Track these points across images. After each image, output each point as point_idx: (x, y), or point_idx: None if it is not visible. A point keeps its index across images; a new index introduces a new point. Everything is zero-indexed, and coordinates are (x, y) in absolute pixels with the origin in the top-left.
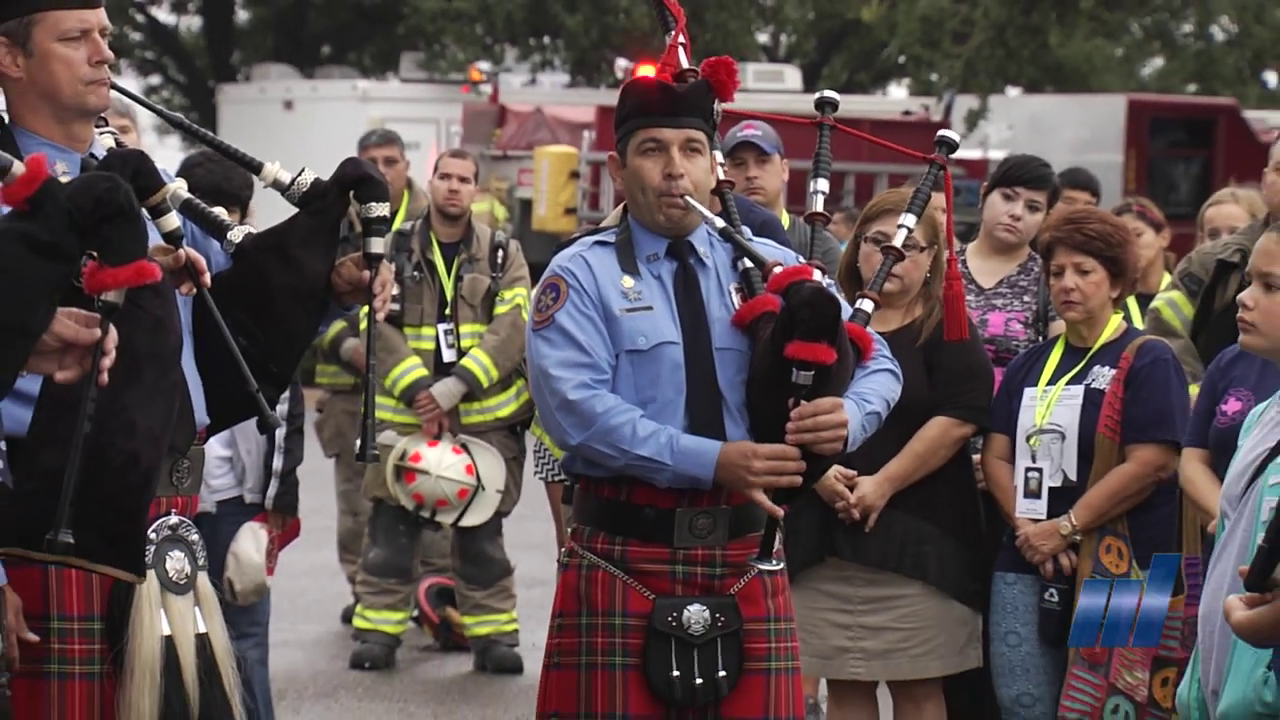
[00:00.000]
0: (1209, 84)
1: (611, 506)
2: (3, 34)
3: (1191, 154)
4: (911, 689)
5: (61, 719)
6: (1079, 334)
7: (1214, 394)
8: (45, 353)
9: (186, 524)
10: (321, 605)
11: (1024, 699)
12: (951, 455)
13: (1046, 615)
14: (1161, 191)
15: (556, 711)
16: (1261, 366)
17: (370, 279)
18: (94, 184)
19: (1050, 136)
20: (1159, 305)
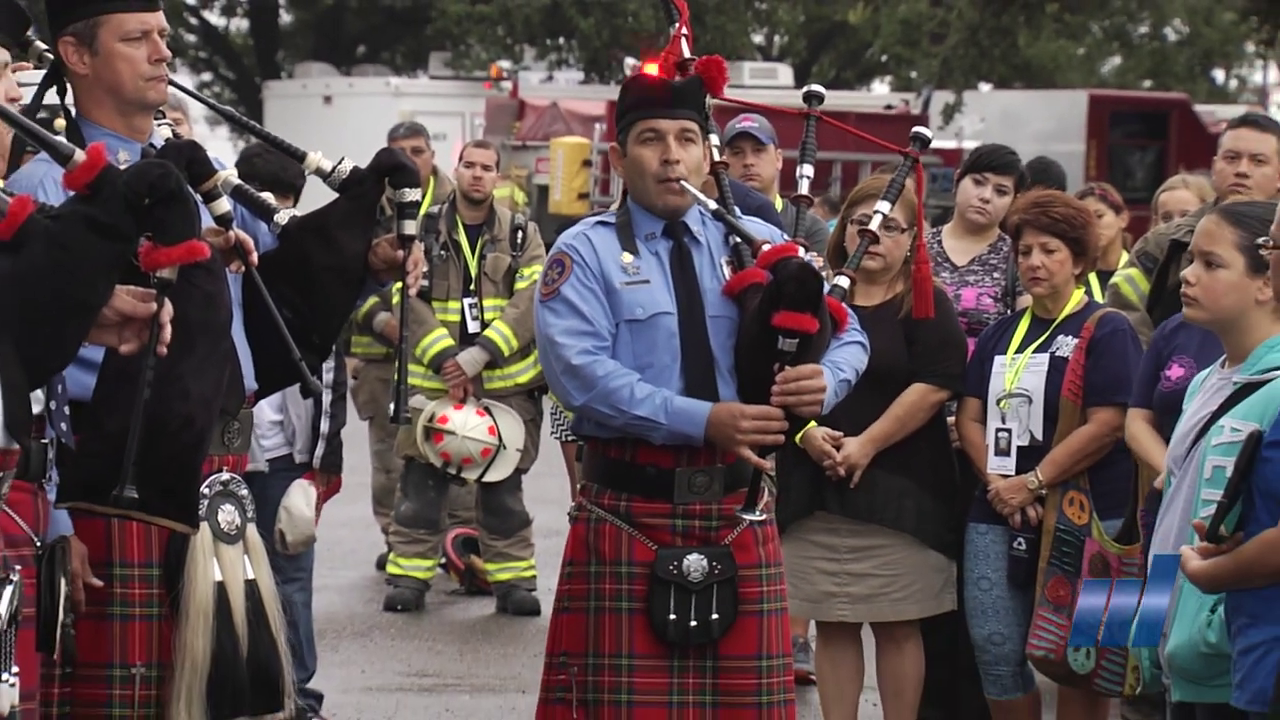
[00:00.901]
0: (1163, 80)
1: (617, 465)
2: (71, 34)
3: (1147, 144)
4: (892, 630)
5: (123, 657)
6: (1044, 307)
7: (1158, 360)
8: (106, 326)
9: (237, 480)
10: (358, 554)
11: (994, 638)
12: (929, 418)
13: (1015, 562)
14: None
15: (566, 652)
16: (1202, 336)
17: (403, 258)
18: (148, 170)
19: (1019, 128)
20: (1118, 281)
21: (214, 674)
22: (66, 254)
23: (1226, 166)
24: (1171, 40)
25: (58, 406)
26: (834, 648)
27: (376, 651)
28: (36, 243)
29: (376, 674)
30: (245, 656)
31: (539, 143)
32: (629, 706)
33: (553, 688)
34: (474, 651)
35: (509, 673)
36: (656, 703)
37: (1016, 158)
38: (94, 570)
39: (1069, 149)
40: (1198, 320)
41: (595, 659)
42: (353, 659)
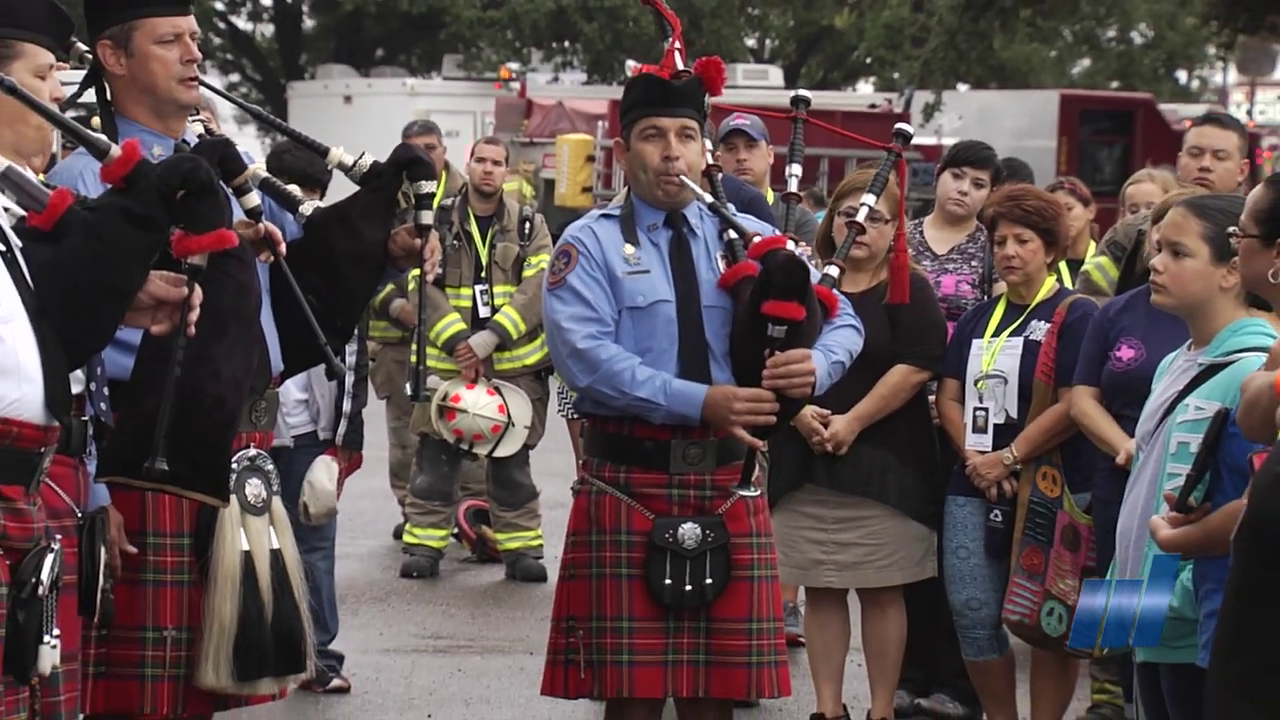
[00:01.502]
0: (1129, 81)
1: (616, 440)
2: (108, 38)
3: (1114, 140)
4: (877, 595)
5: (155, 620)
6: (1018, 293)
7: (1104, 341)
8: (141, 309)
9: (263, 456)
10: (376, 524)
11: (972, 603)
12: (911, 397)
13: (991, 532)
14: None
15: (572, 616)
16: (1146, 319)
17: (421, 246)
18: (180, 164)
19: (994, 126)
20: (1088, 269)
21: (240, 637)
22: (103, 243)
23: (1191, 161)
24: (1137, 43)
25: (97, 387)
26: (822, 612)
27: (394, 615)
28: (76, 233)
29: (394, 636)
30: (270, 621)
31: (545, 140)
32: (629, 666)
33: (560, 650)
34: (485, 615)
35: (517, 635)
36: (654, 662)
37: (993, 153)
38: (129, 539)
39: (1041, 145)
40: (1165, 306)
41: (598, 622)
42: (371, 622)
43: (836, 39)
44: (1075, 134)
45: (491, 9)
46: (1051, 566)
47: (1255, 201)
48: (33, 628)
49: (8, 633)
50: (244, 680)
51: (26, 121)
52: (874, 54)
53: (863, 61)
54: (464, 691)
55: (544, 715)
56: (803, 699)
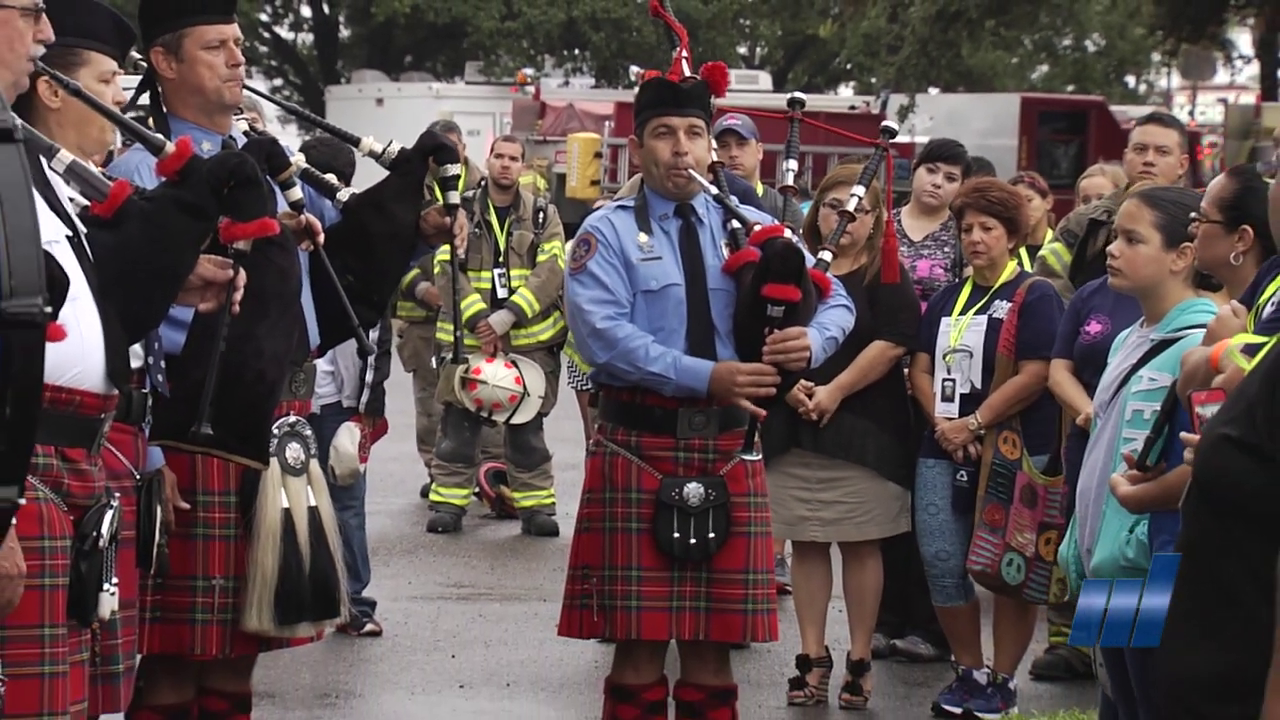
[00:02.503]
0: (1083, 85)
1: (629, 408)
2: (160, 45)
3: (1069, 139)
4: (856, 548)
5: (205, 570)
6: (984, 276)
7: (1077, 318)
8: (191, 289)
9: (302, 422)
10: (405, 484)
11: (940, 555)
12: (887, 370)
13: (958, 491)
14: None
15: (586, 565)
16: (1114, 299)
17: (450, 223)
18: (228, 159)
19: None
20: (1045, 254)
21: (281, 585)
22: (159, 230)
23: (1136, 157)
24: (1091, 51)
25: (155, 361)
26: (807, 563)
27: (421, 566)
28: (134, 220)
29: (421, 585)
30: (307, 571)
31: (558, 138)
32: (637, 611)
33: (575, 596)
34: (503, 566)
35: (532, 584)
36: (659, 608)
37: (963, 150)
38: (181, 497)
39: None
40: (1120, 287)
41: (610, 571)
42: (400, 573)
43: (820, 47)
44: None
45: (509, 20)
46: (1011, 522)
47: (1219, 191)
48: (94, 577)
49: (71, 581)
50: (284, 624)
51: (91, 123)
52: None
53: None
54: (484, 635)
55: (556, 656)
56: (789, 641)
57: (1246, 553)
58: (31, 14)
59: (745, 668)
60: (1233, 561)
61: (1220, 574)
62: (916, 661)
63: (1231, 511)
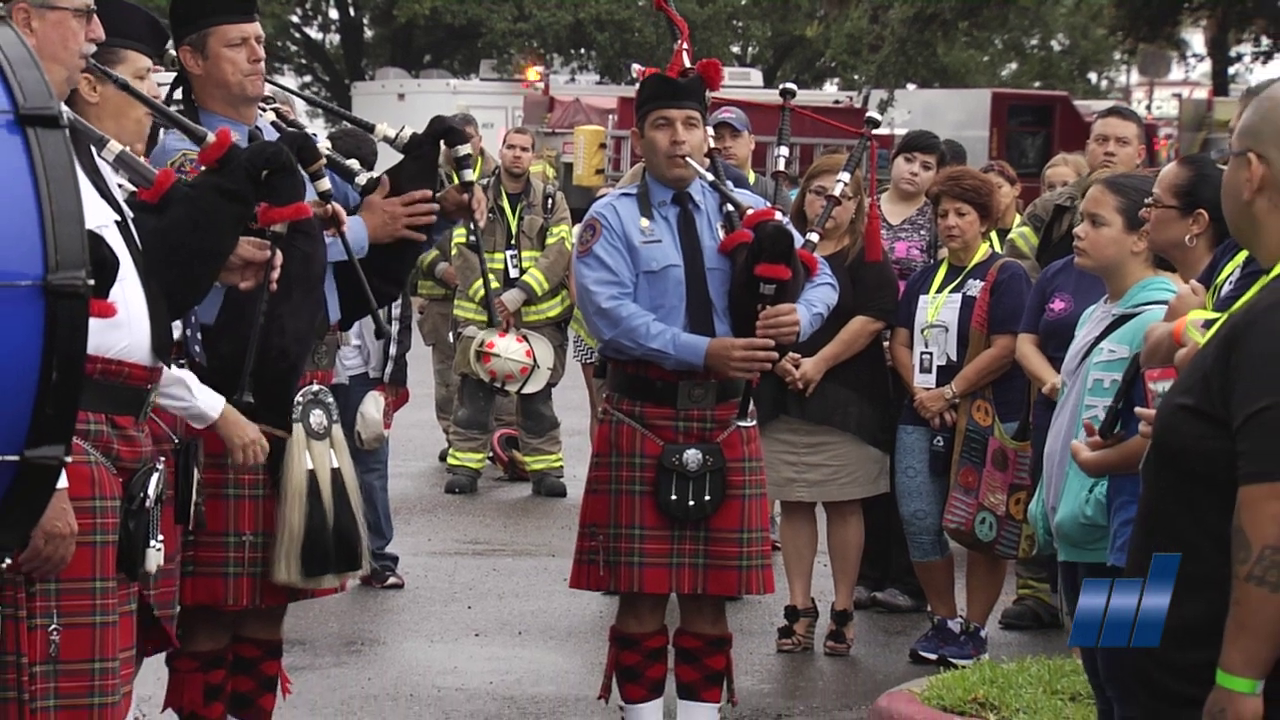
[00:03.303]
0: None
1: (633, 380)
2: (187, 44)
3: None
4: (840, 507)
5: (236, 527)
6: (958, 257)
7: (1042, 296)
8: (232, 269)
9: (324, 391)
10: (425, 448)
11: (918, 514)
12: (868, 343)
13: (934, 455)
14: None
15: (593, 524)
16: (1076, 278)
17: (469, 199)
18: (265, 148)
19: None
20: (1014, 237)
21: (306, 540)
22: (201, 213)
23: (1097, 148)
24: (1056, 50)
25: (192, 333)
26: (794, 522)
27: (439, 525)
28: (178, 206)
29: (439, 542)
30: (331, 527)
31: (565, 130)
32: (640, 566)
33: (584, 552)
34: (515, 524)
35: (542, 541)
36: (660, 564)
37: (937, 140)
38: (213, 460)
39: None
40: (1086, 267)
41: (615, 529)
42: (420, 530)
43: (806, 46)
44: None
45: (521, 22)
46: (984, 484)
47: (1173, 178)
48: (141, 534)
49: (120, 538)
50: (309, 576)
51: (127, 115)
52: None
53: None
54: (498, 587)
55: (564, 607)
56: (777, 594)
57: (1203, 513)
58: (84, 14)
59: (738, 618)
60: (1190, 521)
61: (1179, 532)
62: (895, 612)
63: (1188, 475)
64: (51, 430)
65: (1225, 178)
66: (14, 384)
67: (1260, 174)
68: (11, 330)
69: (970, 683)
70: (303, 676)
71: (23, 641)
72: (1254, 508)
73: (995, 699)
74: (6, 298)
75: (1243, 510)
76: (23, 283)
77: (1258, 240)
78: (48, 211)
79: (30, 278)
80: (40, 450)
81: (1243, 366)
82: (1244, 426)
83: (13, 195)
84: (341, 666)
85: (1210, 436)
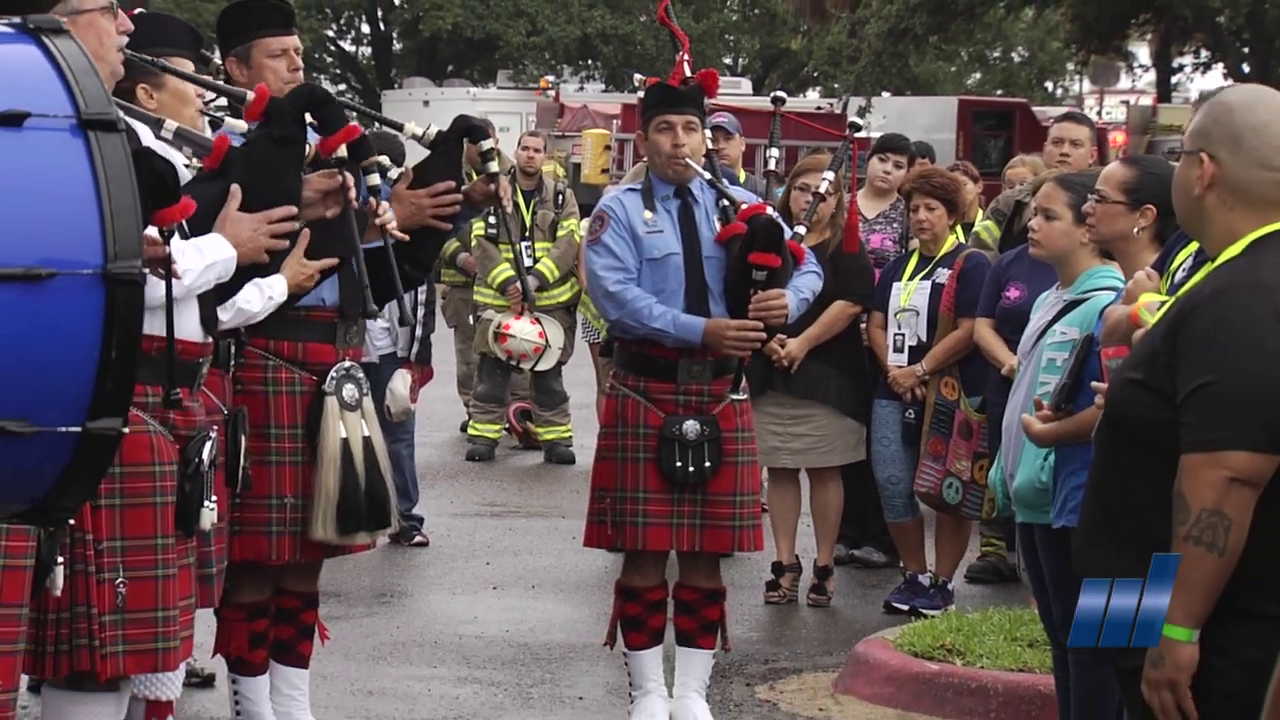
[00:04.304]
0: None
1: (637, 357)
2: (233, 55)
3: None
4: (821, 473)
5: (278, 490)
6: (928, 248)
7: (998, 283)
8: (313, 204)
9: (355, 367)
10: (448, 420)
11: (891, 479)
12: (847, 325)
13: (906, 426)
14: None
15: (602, 488)
16: (1029, 267)
17: (495, 190)
18: (300, 89)
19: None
20: (978, 229)
21: (341, 502)
22: (260, 165)
23: (1054, 149)
24: (1016, 61)
25: None
26: (780, 486)
27: (460, 489)
28: (236, 165)
29: (460, 504)
30: (363, 490)
31: (574, 133)
32: (643, 526)
33: (594, 513)
34: (528, 489)
35: (553, 503)
36: (662, 524)
37: (908, 142)
38: (256, 430)
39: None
40: (1039, 256)
41: (621, 493)
42: (444, 494)
43: (791, 58)
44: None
45: (534, 36)
46: (951, 452)
47: (1119, 176)
48: (196, 495)
49: (178, 499)
50: (344, 534)
51: (182, 115)
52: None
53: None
54: (513, 545)
55: (573, 563)
56: (765, 551)
57: (1148, 477)
58: (109, 10)
59: (730, 572)
60: (1138, 484)
61: (1126, 494)
62: (871, 567)
63: (1136, 442)
64: (110, 403)
65: (1177, 175)
66: (77, 362)
67: (1211, 172)
68: (75, 314)
69: (939, 631)
70: (338, 625)
71: (93, 594)
72: (1193, 474)
73: (961, 645)
74: (70, 285)
75: (1183, 476)
76: (85, 271)
77: (1206, 231)
78: (107, 208)
79: (91, 266)
80: (100, 422)
81: (1187, 346)
82: (1187, 400)
83: (76, 192)
84: (372, 616)
85: (1157, 408)
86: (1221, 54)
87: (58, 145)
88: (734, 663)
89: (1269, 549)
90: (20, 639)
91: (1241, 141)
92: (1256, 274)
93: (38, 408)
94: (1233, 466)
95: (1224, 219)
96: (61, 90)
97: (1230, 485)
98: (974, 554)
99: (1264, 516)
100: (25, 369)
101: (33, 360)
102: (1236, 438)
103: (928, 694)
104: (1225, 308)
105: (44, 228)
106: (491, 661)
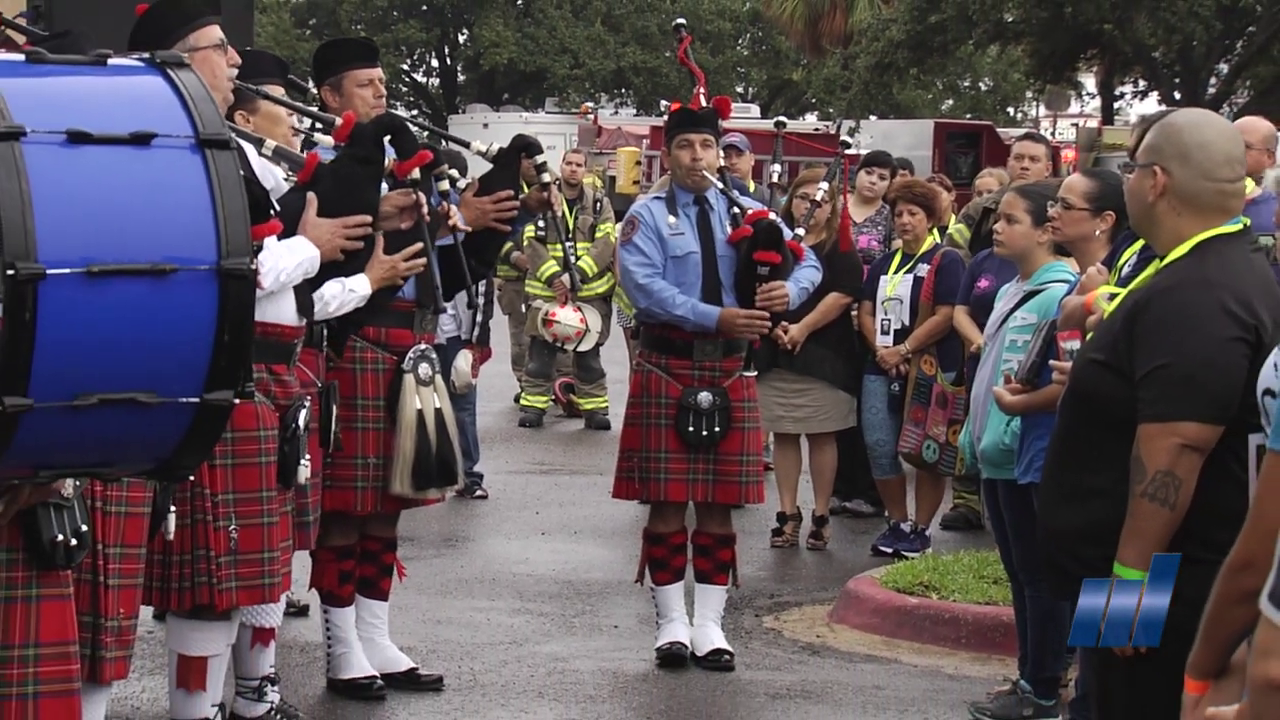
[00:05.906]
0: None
1: (660, 339)
2: (327, 85)
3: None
4: (818, 437)
5: (363, 451)
6: (910, 247)
7: (973, 276)
8: (390, 217)
9: (429, 349)
10: (503, 394)
11: (879, 442)
12: (841, 313)
13: (892, 397)
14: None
15: (630, 448)
16: (999, 263)
17: (548, 197)
18: (381, 118)
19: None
20: (952, 231)
21: (416, 462)
22: (344, 181)
23: (1015, 164)
24: (983, 90)
25: None
26: (784, 448)
27: (514, 450)
28: (324, 179)
29: (515, 463)
30: (434, 453)
31: (609, 151)
32: (665, 480)
33: (623, 470)
34: (571, 450)
35: (591, 463)
36: (680, 479)
37: (890, 157)
38: (345, 400)
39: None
40: (1003, 254)
41: (646, 453)
42: (500, 454)
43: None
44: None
45: (576, 69)
46: (929, 419)
47: (1083, 187)
48: (294, 455)
49: (279, 458)
50: (419, 489)
51: (275, 134)
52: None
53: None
54: (559, 498)
55: (608, 513)
56: (771, 503)
57: (1105, 442)
58: (220, 47)
59: (741, 521)
60: (1095, 448)
61: (1085, 456)
62: (860, 517)
63: (1097, 412)
64: (223, 378)
65: (1131, 185)
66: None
67: (1163, 183)
68: (193, 303)
69: (918, 570)
70: (412, 565)
71: (210, 539)
72: (1150, 441)
73: (936, 583)
74: (191, 278)
75: (1141, 442)
76: (202, 266)
77: (1156, 234)
78: (221, 213)
79: (207, 263)
80: (215, 394)
81: (1144, 333)
82: (1145, 379)
83: (194, 201)
84: (441, 558)
85: (1116, 385)
86: (1156, 83)
87: (180, 161)
88: (744, 597)
89: (1207, 506)
90: (139, 574)
91: (1189, 156)
92: (1205, 272)
93: (163, 381)
94: (1184, 434)
95: (1173, 223)
96: (183, 114)
97: (1182, 450)
98: (948, 505)
99: (1205, 478)
100: (153, 349)
101: (159, 342)
102: (1189, 411)
103: (908, 623)
104: (1179, 301)
105: (168, 230)
106: (540, 596)
